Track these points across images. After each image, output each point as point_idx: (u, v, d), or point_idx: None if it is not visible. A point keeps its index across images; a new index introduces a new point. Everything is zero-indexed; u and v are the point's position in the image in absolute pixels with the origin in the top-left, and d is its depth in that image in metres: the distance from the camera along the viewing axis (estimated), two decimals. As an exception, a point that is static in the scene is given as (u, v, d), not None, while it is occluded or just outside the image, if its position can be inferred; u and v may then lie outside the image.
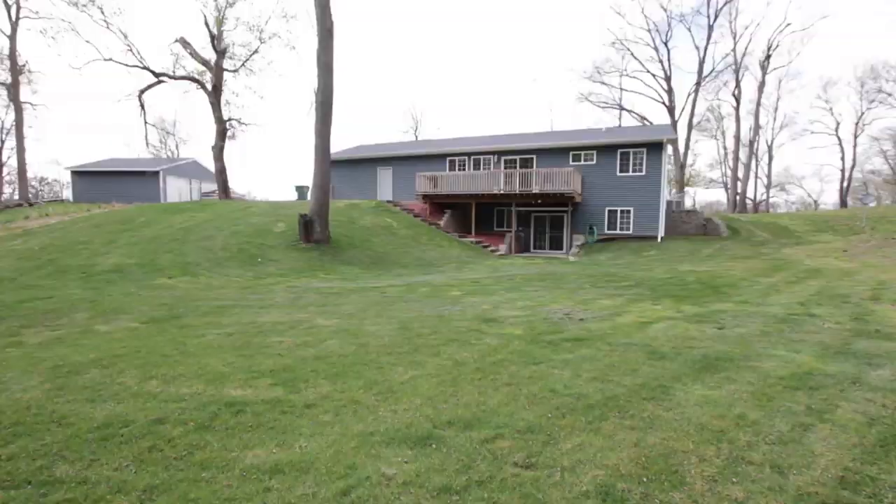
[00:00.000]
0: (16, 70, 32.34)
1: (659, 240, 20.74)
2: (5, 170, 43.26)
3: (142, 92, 24.37)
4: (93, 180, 32.69)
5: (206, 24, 23.46)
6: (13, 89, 32.31)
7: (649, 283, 10.51)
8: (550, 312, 7.41)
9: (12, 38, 32.05)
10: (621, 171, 21.56)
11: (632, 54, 42.18)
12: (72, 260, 12.19)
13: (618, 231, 21.85)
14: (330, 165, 15.21)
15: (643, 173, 21.12)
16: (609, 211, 21.97)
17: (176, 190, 32.04)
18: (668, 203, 24.76)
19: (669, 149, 21.62)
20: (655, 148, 20.82)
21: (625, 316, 7.15)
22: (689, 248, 18.94)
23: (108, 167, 32.82)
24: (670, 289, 9.67)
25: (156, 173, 31.26)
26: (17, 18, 32.17)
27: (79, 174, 33.14)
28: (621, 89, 44.11)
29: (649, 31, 43.33)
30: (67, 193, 36.47)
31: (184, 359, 5.06)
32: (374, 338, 5.84)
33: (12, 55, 32.18)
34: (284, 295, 9.22)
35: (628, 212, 21.58)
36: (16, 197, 33.45)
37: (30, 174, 48.95)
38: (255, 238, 14.87)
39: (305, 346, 5.47)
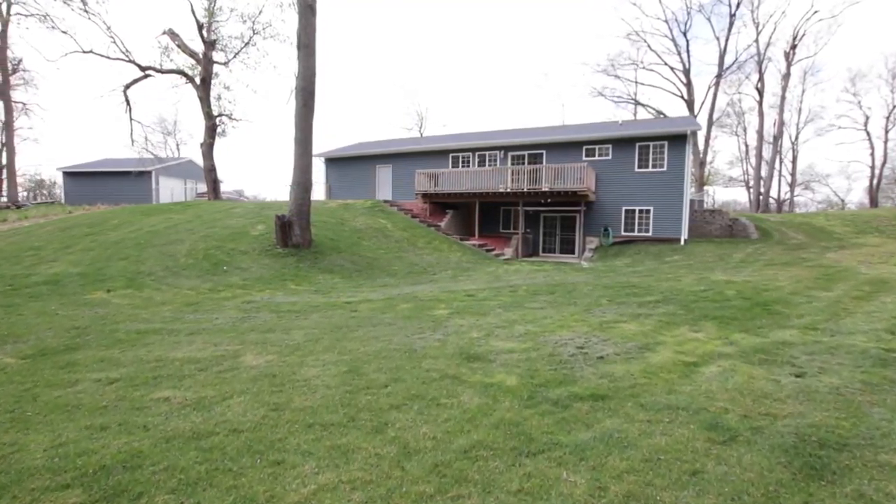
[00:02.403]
0: (6, 69, 31.29)
1: (682, 242, 18.74)
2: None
3: (127, 87, 22.99)
4: (84, 181, 31.54)
5: (193, 12, 22.00)
6: (4, 87, 31.25)
7: (680, 297, 8.64)
8: (558, 344, 5.60)
9: (3, 35, 31.02)
10: (640, 166, 19.58)
11: (648, 46, 40.02)
12: (9, 269, 10.65)
13: (636, 233, 19.88)
14: (312, 160, 13.55)
15: (664, 169, 19.12)
16: (626, 211, 20.01)
17: (168, 190, 30.73)
18: (690, 202, 22.71)
19: (700, 140, 19.59)
20: (678, 141, 18.82)
21: (659, 350, 5.31)
22: (718, 252, 16.92)
23: (99, 168, 31.65)
24: (709, 307, 7.78)
25: (148, 174, 29.96)
26: (9, 15, 31.11)
27: (70, 175, 32.02)
28: (636, 83, 41.95)
29: (666, 21, 40.97)
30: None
31: (0, 433, 3.36)
32: (303, 392, 4.09)
33: (2, 52, 31.12)
34: (230, 314, 7.53)
35: (647, 211, 19.60)
36: (5, 198, 32.38)
37: (34, 176, 48.25)
38: (228, 242, 13.24)
39: (195, 409, 3.74)
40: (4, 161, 30.53)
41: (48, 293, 8.89)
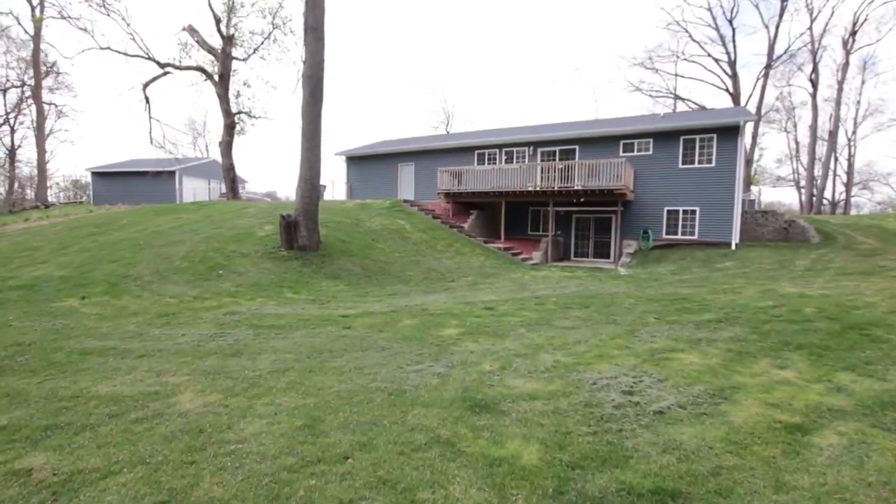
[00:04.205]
0: (38, 70, 31.77)
1: (733, 247, 16.78)
2: (28, 169, 43.46)
3: (146, 85, 22.65)
4: (111, 181, 31.71)
5: (210, 6, 21.41)
6: (35, 90, 31.75)
7: (746, 315, 7.02)
8: (597, 385, 4.18)
9: (36, 37, 31.48)
10: (684, 162, 17.70)
11: (690, 36, 37.57)
12: (-7, 271, 9.93)
13: (679, 236, 18.00)
14: (320, 154, 12.45)
15: (713, 165, 17.19)
16: (668, 211, 18.15)
17: (191, 190, 30.48)
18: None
19: (747, 134, 17.62)
20: (729, 133, 16.87)
21: (739, 400, 3.83)
22: (776, 258, 14.95)
23: (126, 168, 31.75)
24: (787, 330, 6.17)
25: (171, 173, 29.80)
26: (42, 17, 31.55)
27: (98, 175, 32.27)
28: (676, 76, 39.47)
29: (710, 9, 38.14)
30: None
31: None
32: (223, 466, 2.82)
33: (35, 55, 31.62)
34: (202, 330, 6.39)
35: (693, 212, 17.70)
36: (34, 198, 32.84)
37: (69, 178, 49.54)
38: (230, 244, 12.27)
39: (53, 496, 2.53)
40: (50, 162, 30.91)
41: (17, 300, 8.00)
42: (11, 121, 42.36)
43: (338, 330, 6.41)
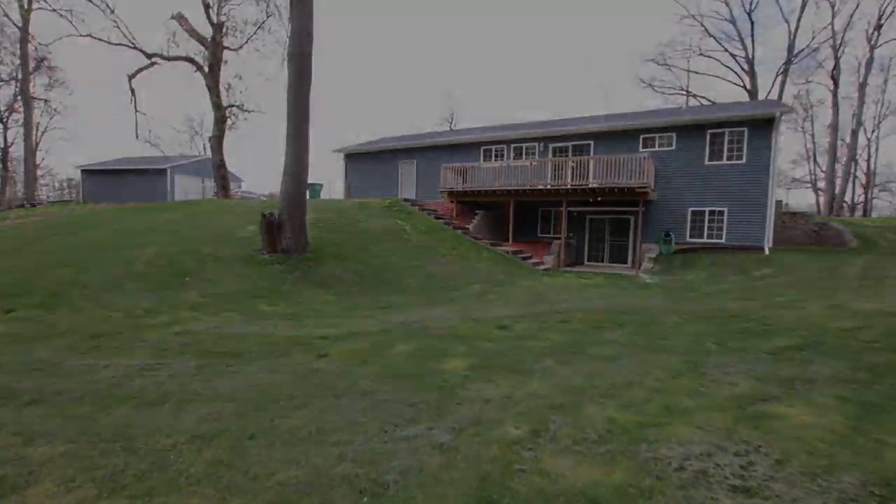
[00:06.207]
0: (27, 65, 30.55)
1: (766, 251, 15.21)
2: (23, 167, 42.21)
3: (132, 76, 21.31)
4: (102, 179, 30.41)
5: (198, -9, 20.09)
6: (24, 83, 30.53)
7: (831, 341, 5.50)
8: (688, 473, 2.68)
9: (24, 30, 30.28)
10: (711, 158, 16.15)
11: (706, 30, 35.97)
12: (-79, 277, 8.52)
13: (705, 239, 16.44)
14: (308, 144, 11.00)
15: (743, 161, 15.64)
16: (693, 212, 16.59)
17: (184, 188, 29.12)
18: (769, 203, 19.01)
19: (782, 127, 16.08)
20: (762, 126, 15.32)
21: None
22: (819, 265, 13.38)
23: (116, 166, 30.43)
24: (902, 364, 4.64)
25: (162, 171, 28.47)
26: (30, 9, 30.34)
27: (89, 173, 30.98)
28: (689, 72, 37.85)
29: (726, 2, 36.61)
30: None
31: None
32: None
33: (24, 48, 30.41)
34: (135, 359, 4.93)
35: (720, 213, 16.15)
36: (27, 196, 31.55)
37: (66, 178, 48.35)
38: (206, 246, 10.84)
39: None
40: (46, 160, 29.62)
41: (-73, 314, 6.57)
42: (5, 118, 41.28)
43: (309, 360, 4.93)
